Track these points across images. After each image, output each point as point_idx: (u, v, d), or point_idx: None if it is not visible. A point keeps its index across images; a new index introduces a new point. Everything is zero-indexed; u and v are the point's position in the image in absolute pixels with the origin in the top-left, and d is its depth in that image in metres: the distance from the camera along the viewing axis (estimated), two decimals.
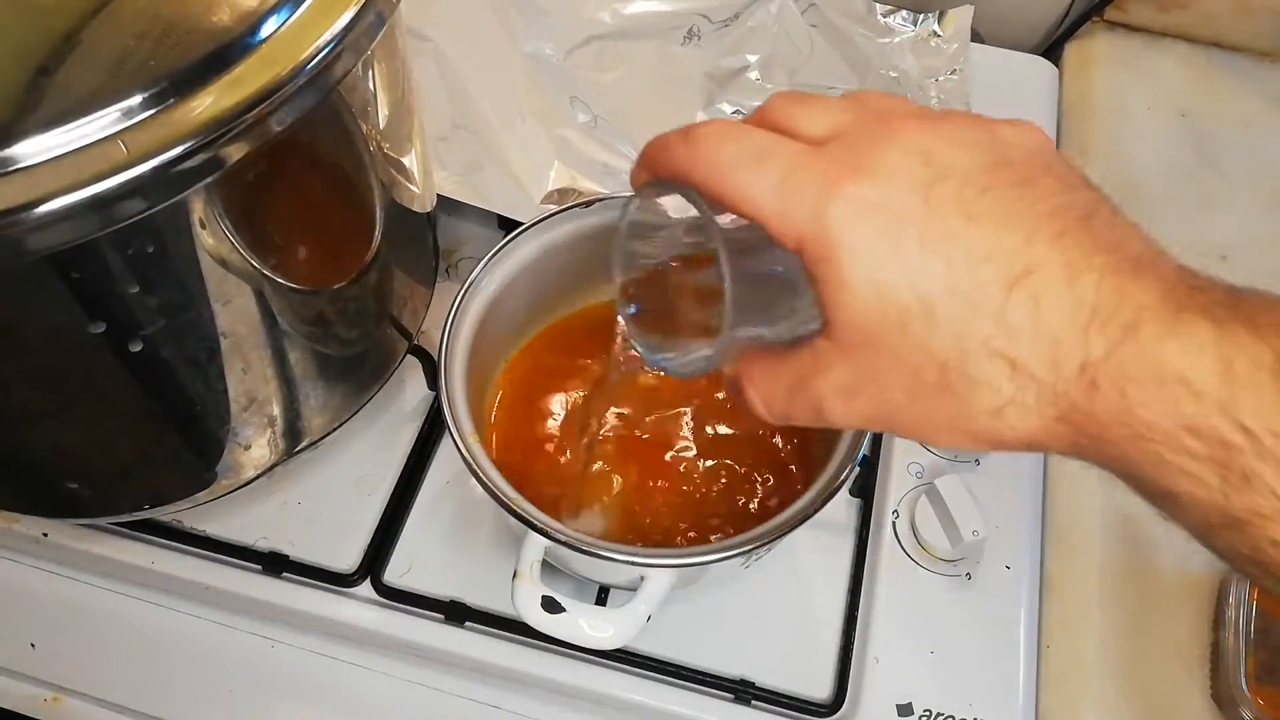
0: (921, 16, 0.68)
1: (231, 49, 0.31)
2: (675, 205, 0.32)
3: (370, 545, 0.50)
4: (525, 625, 0.38)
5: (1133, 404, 0.24)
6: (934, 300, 0.25)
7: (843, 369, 0.27)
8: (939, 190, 0.26)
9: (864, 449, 0.41)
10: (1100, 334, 0.24)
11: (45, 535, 0.51)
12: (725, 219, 0.29)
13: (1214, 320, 0.24)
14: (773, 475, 0.48)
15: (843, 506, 0.53)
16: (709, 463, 0.48)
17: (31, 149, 0.28)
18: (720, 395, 0.50)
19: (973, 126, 0.27)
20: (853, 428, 0.28)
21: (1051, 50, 0.76)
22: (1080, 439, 0.26)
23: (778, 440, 0.49)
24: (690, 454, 0.49)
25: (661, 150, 0.29)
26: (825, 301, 0.27)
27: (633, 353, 0.36)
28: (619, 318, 0.36)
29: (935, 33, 0.67)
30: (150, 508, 0.46)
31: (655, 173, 0.30)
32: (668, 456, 0.49)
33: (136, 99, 0.29)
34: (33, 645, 0.50)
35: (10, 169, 0.27)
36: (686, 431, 0.49)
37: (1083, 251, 0.25)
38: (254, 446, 0.45)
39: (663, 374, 0.34)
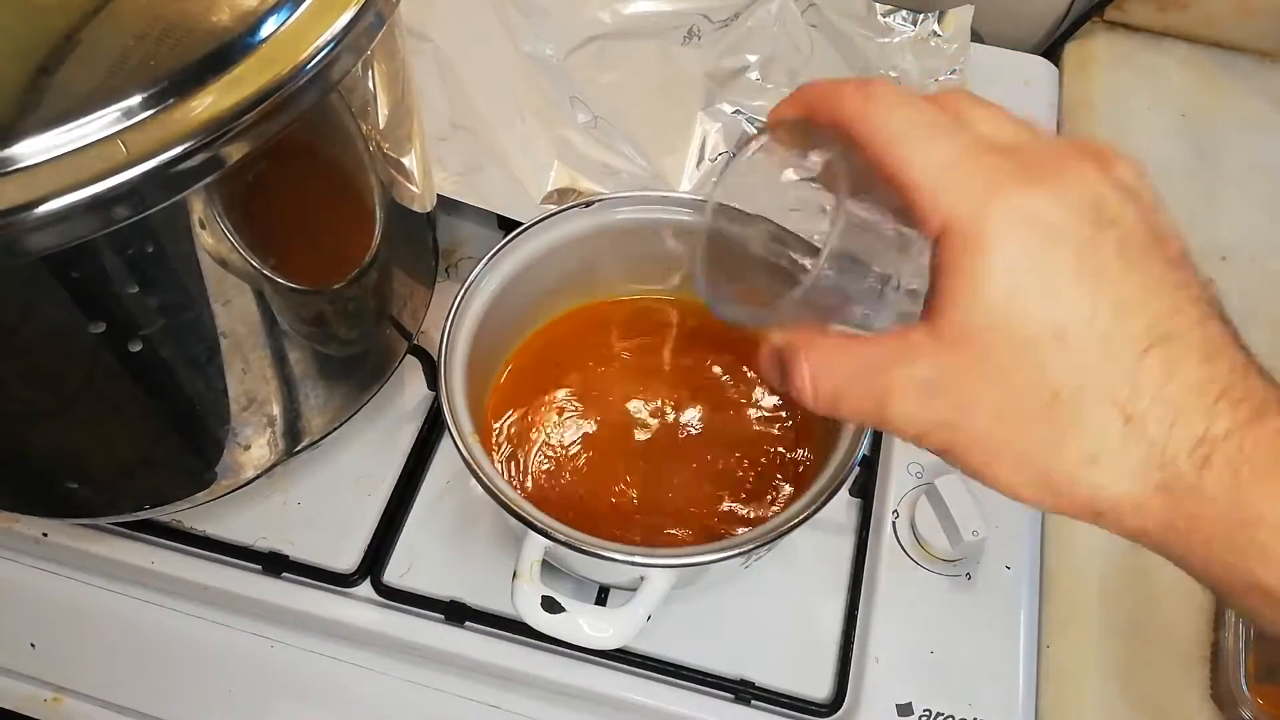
0: (921, 16, 0.68)
1: (231, 49, 0.31)
2: (799, 156, 0.31)
3: (370, 545, 0.50)
4: (525, 625, 0.38)
5: (1244, 484, 0.24)
6: (1069, 332, 0.25)
7: (931, 364, 0.26)
8: (1107, 233, 0.25)
9: (864, 449, 0.42)
10: (1228, 411, 0.24)
11: (45, 535, 0.51)
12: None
13: None
14: (772, 476, 0.48)
15: (843, 506, 0.53)
16: (710, 460, 0.48)
17: (31, 149, 0.28)
18: (721, 393, 0.50)
19: (1127, 190, 0.27)
20: (906, 433, 0.27)
21: (1051, 50, 0.76)
22: (1174, 517, 0.25)
23: (779, 442, 0.49)
24: (690, 452, 0.49)
25: (832, 96, 0.28)
26: (947, 293, 0.25)
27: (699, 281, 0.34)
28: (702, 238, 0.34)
29: (935, 33, 0.67)
30: (150, 508, 0.46)
31: (813, 115, 0.29)
32: (669, 454, 0.49)
33: (136, 99, 0.29)
34: (33, 645, 0.50)
35: (10, 169, 0.28)
36: (690, 428, 0.49)
37: (1222, 343, 0.25)
38: (254, 446, 0.45)
39: (717, 314, 0.33)
